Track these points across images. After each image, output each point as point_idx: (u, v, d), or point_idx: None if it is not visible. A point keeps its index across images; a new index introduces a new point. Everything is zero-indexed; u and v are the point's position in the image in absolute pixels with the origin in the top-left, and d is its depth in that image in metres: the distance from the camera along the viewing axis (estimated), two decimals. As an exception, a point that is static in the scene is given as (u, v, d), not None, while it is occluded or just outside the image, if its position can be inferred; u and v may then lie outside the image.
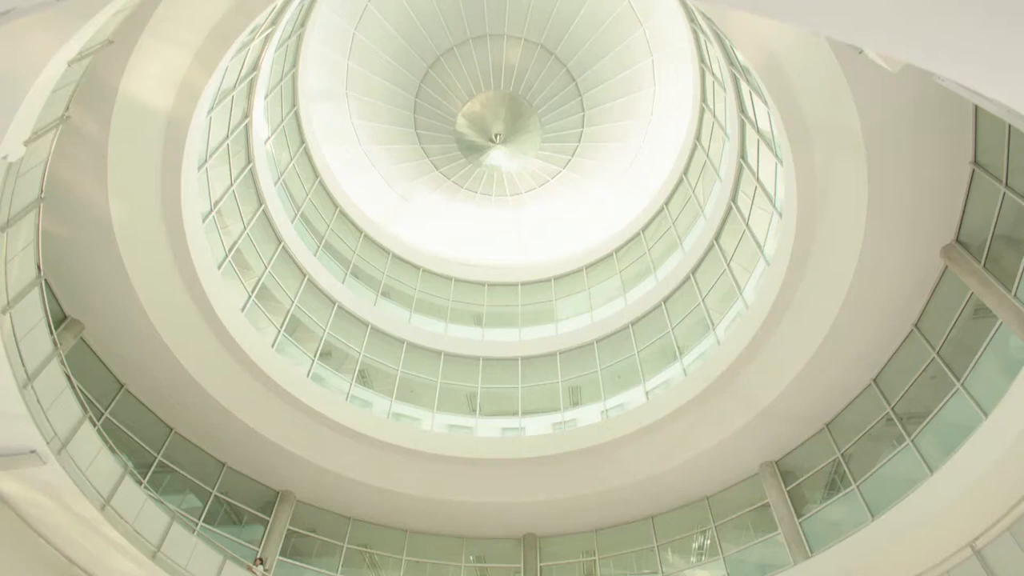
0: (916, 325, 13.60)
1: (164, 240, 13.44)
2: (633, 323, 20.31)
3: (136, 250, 13.13)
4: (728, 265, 17.59)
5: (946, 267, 12.47)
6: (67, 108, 8.98)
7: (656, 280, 20.74)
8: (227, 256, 16.08)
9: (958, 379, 12.33)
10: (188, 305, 14.38)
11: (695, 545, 17.78)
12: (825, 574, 13.63)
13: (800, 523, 15.21)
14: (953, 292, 12.64)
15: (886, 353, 14.24)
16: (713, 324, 17.54)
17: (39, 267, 10.03)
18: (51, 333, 10.73)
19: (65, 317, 13.81)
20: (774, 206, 14.97)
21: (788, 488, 15.97)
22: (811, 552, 14.49)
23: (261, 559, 15.33)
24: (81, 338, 14.16)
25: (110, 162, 11.47)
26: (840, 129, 11.39)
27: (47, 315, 10.29)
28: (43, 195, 9.25)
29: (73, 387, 11.79)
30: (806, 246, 13.43)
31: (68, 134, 10.63)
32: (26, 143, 7.82)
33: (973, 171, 11.10)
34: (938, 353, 12.98)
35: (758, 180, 15.95)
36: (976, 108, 10.58)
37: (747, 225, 16.77)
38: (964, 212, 11.64)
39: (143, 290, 13.61)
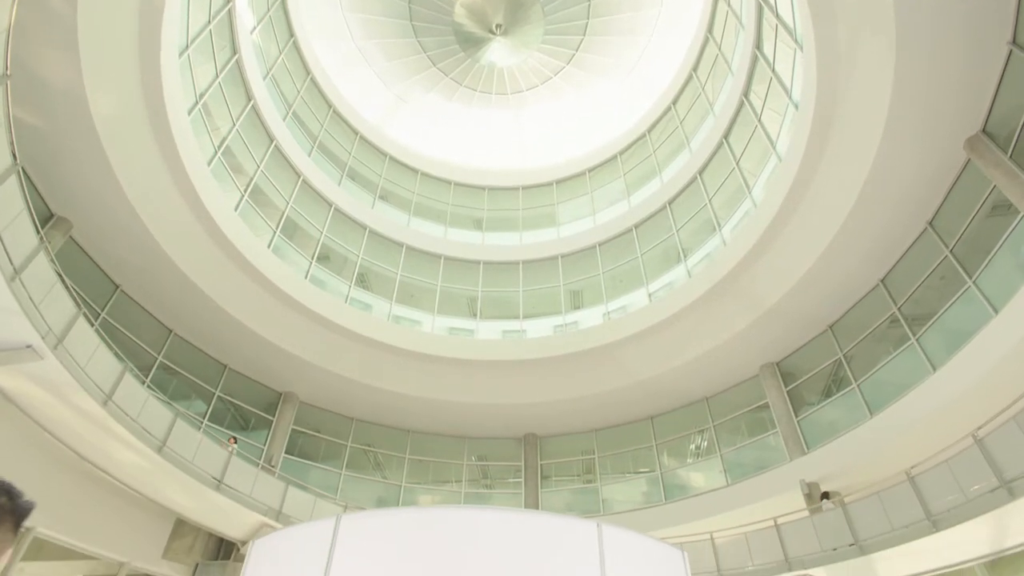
0: (930, 223, 13.19)
1: (148, 132, 12.78)
2: (637, 226, 19.87)
3: (119, 143, 12.50)
4: (737, 164, 16.96)
5: (968, 160, 11.92)
6: (24, -30, 8.17)
7: (661, 182, 20.13)
8: (217, 152, 15.43)
9: (970, 277, 12.07)
10: (179, 203, 13.90)
11: (692, 446, 18.12)
12: (821, 469, 13.91)
13: (798, 422, 15.41)
14: (973, 187, 12.16)
15: (897, 252, 13.91)
16: (719, 225, 17.12)
17: (14, 154, 9.47)
18: (35, 225, 10.29)
19: (52, 215, 13.37)
20: (789, 97, 14.20)
21: (788, 388, 16.08)
22: (807, 449, 14.74)
23: (235, 437, 15.69)
24: (71, 237, 13.77)
25: (81, 41, 10.64)
26: (868, 5, 10.52)
27: (28, 205, 9.83)
28: (8, 71, 8.56)
29: (65, 283, 11.51)
30: (822, 139, 12.81)
31: (32, 8, 9.80)
32: (-20, 8, 7.10)
33: (1010, 52, 10.33)
34: (951, 251, 12.64)
35: (773, 71, 15.07)
36: (1020, -20, 9.71)
37: (759, 121, 16.02)
38: (995, 98, 10.95)
39: (130, 186, 13.09)
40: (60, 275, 11.54)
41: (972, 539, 10.14)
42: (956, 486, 9.84)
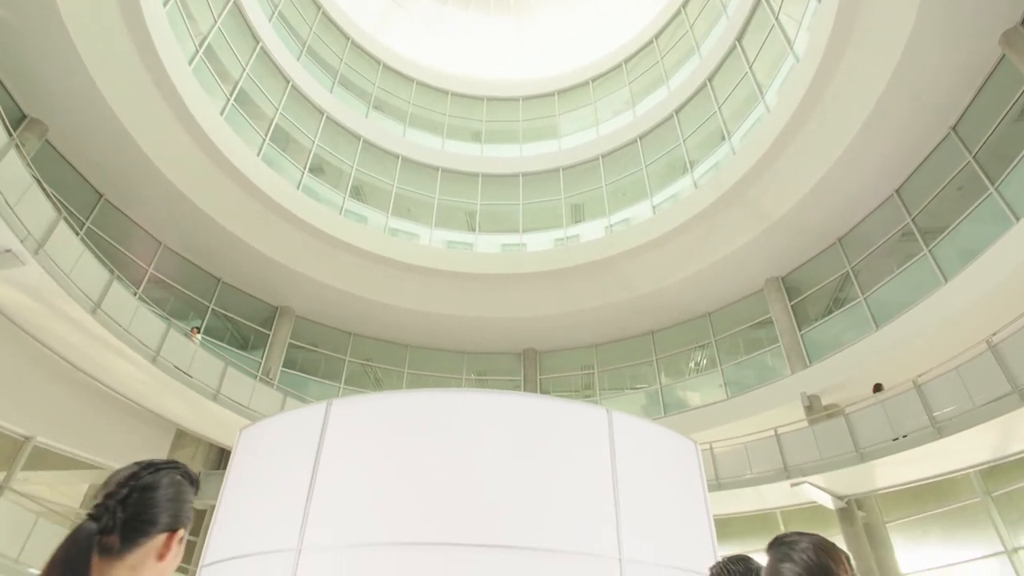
0: (954, 128, 12.53)
1: (121, 25, 11.91)
2: (642, 136, 19.09)
3: (90, 37, 11.65)
4: (750, 68, 16.04)
5: (1003, 57, 11.16)
6: None
7: (668, 90, 19.19)
8: (198, 52, 14.49)
9: (992, 183, 11.55)
10: (160, 104, 13.15)
11: (692, 364, 18.02)
12: (823, 382, 13.82)
13: (802, 335, 15.22)
14: (1003, 88, 11.48)
15: (915, 159, 13.31)
16: (728, 133, 16.38)
17: (-28, 39, 8.73)
18: (3, 123, 9.66)
19: (24, 116, 12.62)
20: (812, -9, 13.21)
21: (792, 303, 15.81)
22: (809, 363, 14.61)
23: (197, 328, 15.34)
24: (47, 141, 13.07)
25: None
26: None
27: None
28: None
29: (42, 187, 10.97)
30: (845, 35, 12.00)
31: None
32: None
33: (1060, -71, 9.42)
34: (974, 157, 12.05)
35: (795, -37, 13.98)
36: None
37: (776, 20, 15.04)
38: (1039, -15, 10.10)
39: (106, 86, 12.31)
40: (38, 179, 10.99)
41: (975, 446, 10.10)
42: (964, 393, 9.68)
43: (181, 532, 1.25)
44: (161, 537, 1.20)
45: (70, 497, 14.37)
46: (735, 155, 15.23)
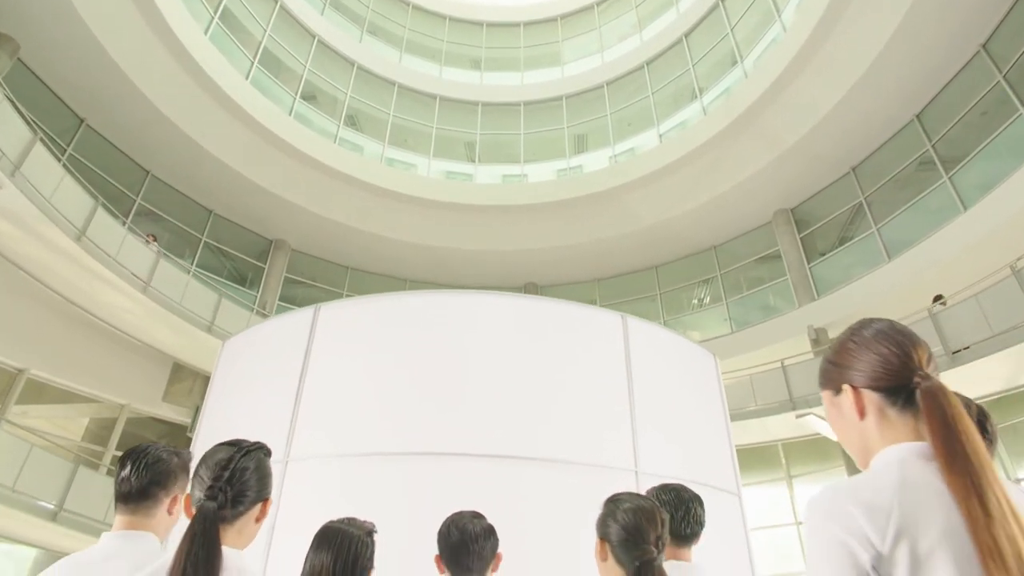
0: (984, 45, 11.80)
1: (91, -72, 11.00)
2: (648, 62, 18.19)
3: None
4: (767, -17, 15.10)
5: (1042, -37, 10.38)
6: None
7: (678, 12, 18.18)
8: (177, -37, 13.52)
9: (1023, 105, 10.95)
10: (138, 20, 12.35)
11: (695, 301, 17.70)
12: (830, 315, 13.51)
13: (810, 268, 14.85)
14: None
15: (940, 81, 12.62)
16: (741, 56, 15.56)
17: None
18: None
19: (-7, 32, 11.85)
20: None
21: (802, 235, 15.37)
22: (817, 296, 14.30)
23: (153, 235, 14.45)
24: (19, 59, 12.32)
25: None
26: None
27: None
28: None
29: (15, 106, 10.38)
30: (873, -58, 11.13)
31: None
32: None
33: None
34: (1005, 77, 11.39)
35: None
36: None
37: (797, -70, 14.00)
38: None
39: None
40: (11, 99, 10.40)
41: (990, 375, 9.87)
42: (983, 322, 9.37)
43: (270, 500, 1.62)
44: (258, 505, 1.56)
45: (71, 431, 14.31)
46: (747, 79, 14.49)
